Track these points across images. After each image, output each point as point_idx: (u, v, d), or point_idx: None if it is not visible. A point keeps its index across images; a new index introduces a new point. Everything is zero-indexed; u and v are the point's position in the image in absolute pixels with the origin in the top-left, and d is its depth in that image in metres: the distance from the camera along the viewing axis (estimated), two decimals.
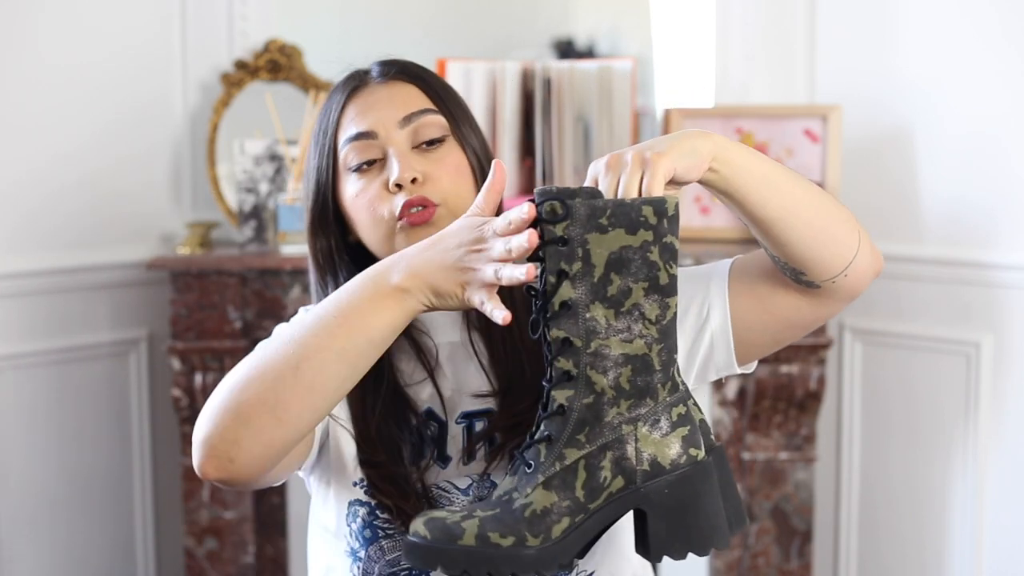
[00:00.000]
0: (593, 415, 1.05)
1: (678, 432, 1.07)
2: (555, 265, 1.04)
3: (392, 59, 1.39)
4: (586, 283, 1.05)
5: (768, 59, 2.60)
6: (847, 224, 1.21)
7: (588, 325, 1.05)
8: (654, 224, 1.05)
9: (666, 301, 1.06)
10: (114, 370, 2.57)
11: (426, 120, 1.33)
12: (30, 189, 2.45)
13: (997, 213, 2.37)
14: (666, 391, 1.07)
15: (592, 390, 1.05)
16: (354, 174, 1.33)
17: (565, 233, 1.04)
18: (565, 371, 1.05)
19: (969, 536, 2.43)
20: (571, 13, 3.44)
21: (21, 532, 2.46)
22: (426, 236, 1.25)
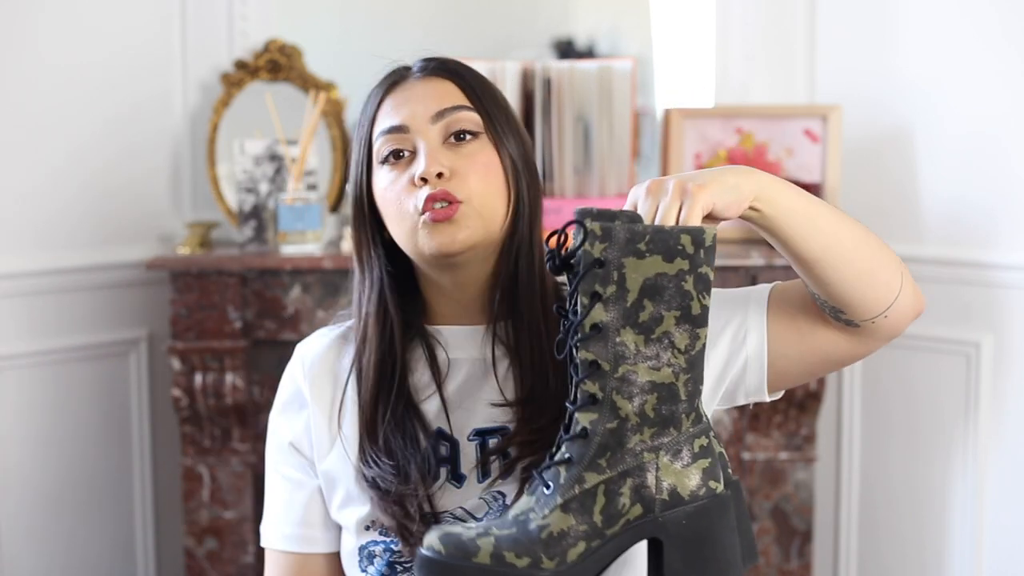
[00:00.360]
0: (616, 440, 1.04)
1: (699, 463, 1.06)
2: (590, 286, 1.04)
3: (433, 55, 1.38)
4: (619, 307, 1.04)
5: (768, 59, 2.60)
6: (890, 266, 1.21)
7: (617, 349, 1.04)
8: (691, 253, 1.05)
9: (696, 331, 1.06)
10: (114, 370, 2.57)
11: (459, 116, 1.31)
12: (30, 189, 2.45)
13: (997, 213, 2.37)
14: (690, 421, 1.06)
15: (616, 415, 1.04)
16: (385, 167, 1.32)
17: (602, 255, 1.03)
18: (591, 394, 1.05)
19: (969, 536, 2.43)
20: (571, 13, 3.44)
21: (21, 532, 2.46)
22: (449, 234, 1.26)
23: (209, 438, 2.35)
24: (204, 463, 2.36)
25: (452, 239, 1.27)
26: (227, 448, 2.35)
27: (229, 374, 2.30)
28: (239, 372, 2.30)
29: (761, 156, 2.43)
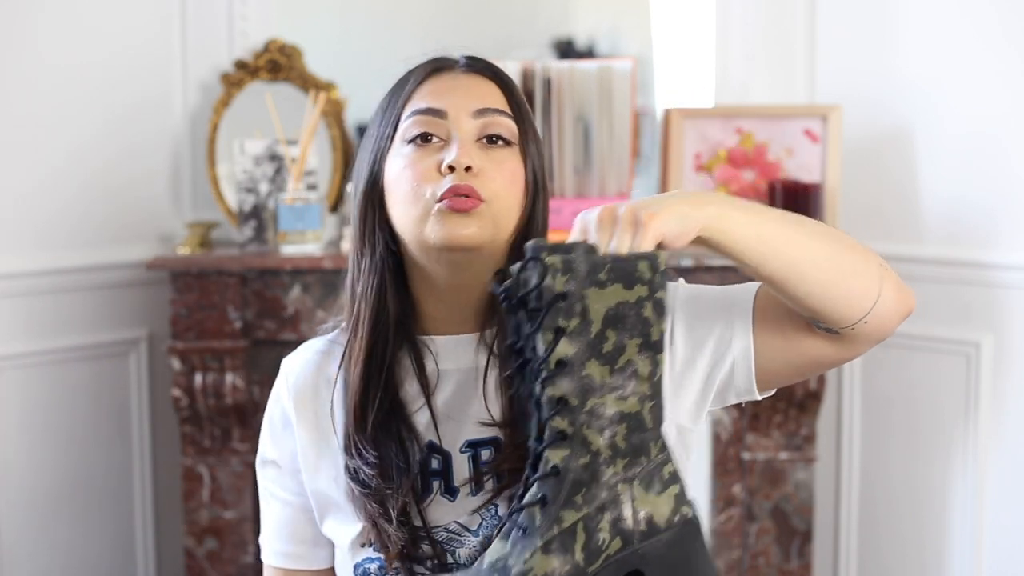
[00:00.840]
0: (589, 475, 1.02)
1: (671, 490, 1.06)
2: (553, 322, 1.02)
3: (479, 57, 1.36)
4: (583, 339, 1.02)
5: (768, 59, 2.60)
6: (865, 274, 1.18)
7: (584, 383, 1.02)
8: (649, 279, 1.03)
9: (656, 357, 1.05)
10: (114, 370, 2.57)
11: (499, 120, 1.29)
12: (30, 189, 2.45)
13: (997, 213, 2.37)
14: (657, 448, 1.05)
15: (588, 450, 1.02)
16: (409, 146, 1.28)
17: (565, 288, 1.01)
18: (560, 431, 1.02)
19: (969, 536, 2.43)
20: (571, 13, 3.44)
21: (21, 532, 2.46)
22: (462, 226, 1.24)
23: (209, 438, 2.35)
24: (204, 463, 2.36)
25: (462, 232, 1.24)
26: (227, 448, 2.35)
27: (229, 374, 2.30)
28: (239, 372, 2.30)
29: (761, 156, 2.43)
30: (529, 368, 1.04)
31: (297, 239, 2.33)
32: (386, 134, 1.31)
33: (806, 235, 1.16)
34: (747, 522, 2.39)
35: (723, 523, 2.40)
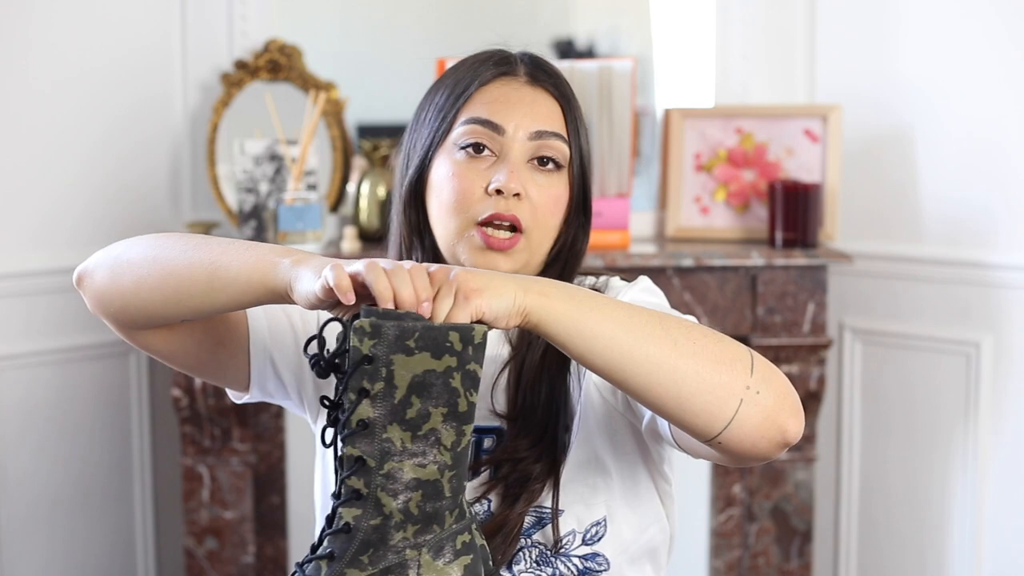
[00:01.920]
0: (379, 537, 1.03)
1: (461, 560, 1.06)
2: (358, 383, 1.02)
3: (544, 65, 1.33)
4: (386, 404, 1.03)
5: (768, 59, 2.60)
6: (717, 392, 1.09)
7: (384, 446, 1.03)
8: (459, 351, 1.03)
9: (462, 428, 1.05)
10: (114, 370, 2.57)
11: (554, 144, 1.28)
12: (30, 189, 2.45)
13: (997, 213, 2.37)
14: (453, 518, 1.06)
15: (380, 512, 1.03)
16: (461, 152, 1.28)
17: (371, 351, 1.02)
18: (355, 489, 1.03)
19: (969, 536, 2.43)
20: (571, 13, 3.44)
21: (21, 532, 2.46)
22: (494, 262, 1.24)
23: (209, 438, 2.35)
24: (204, 463, 2.36)
25: (495, 267, 1.26)
26: (227, 448, 2.35)
27: None
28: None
29: (761, 156, 2.43)
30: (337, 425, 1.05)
31: (297, 239, 2.33)
32: (440, 130, 1.30)
33: (640, 339, 1.08)
34: (747, 522, 2.39)
35: (723, 523, 2.40)
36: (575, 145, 1.30)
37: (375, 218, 2.42)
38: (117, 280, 1.26)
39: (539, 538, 1.26)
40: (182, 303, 1.19)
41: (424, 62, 2.50)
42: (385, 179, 2.43)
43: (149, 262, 1.22)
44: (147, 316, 1.23)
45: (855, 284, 2.55)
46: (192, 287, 1.17)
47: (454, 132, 1.29)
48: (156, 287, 1.20)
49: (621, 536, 1.28)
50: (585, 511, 1.27)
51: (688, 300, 2.29)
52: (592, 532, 1.27)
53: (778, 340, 2.30)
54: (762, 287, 2.30)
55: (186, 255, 1.18)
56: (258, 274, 1.12)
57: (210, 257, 1.16)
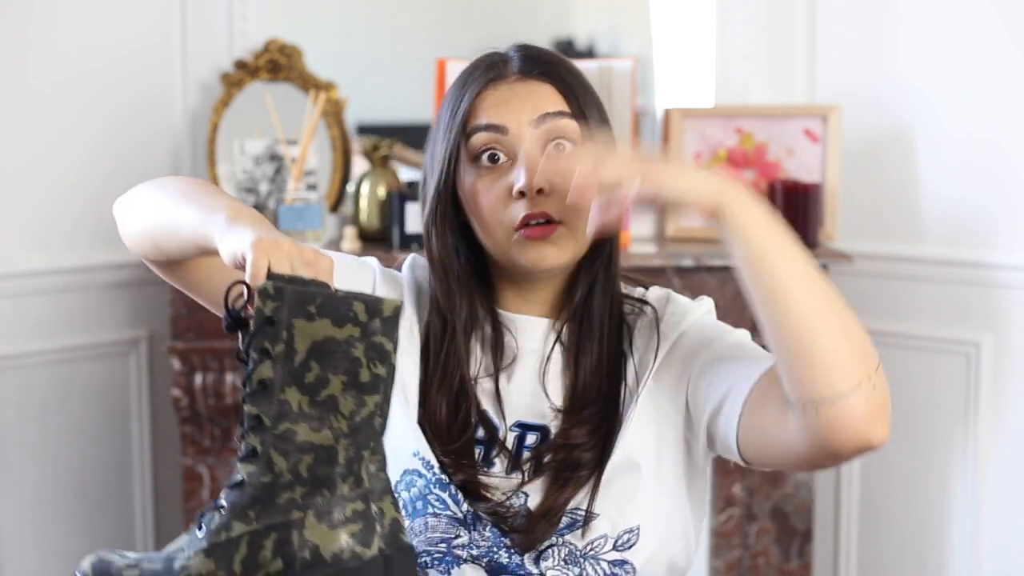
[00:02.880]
0: (267, 494, 1.05)
1: (349, 527, 1.07)
2: (260, 343, 1.05)
3: (534, 55, 1.33)
4: (286, 366, 1.05)
5: (768, 59, 2.60)
6: (850, 360, 1.12)
7: (280, 407, 1.05)
8: (363, 321, 1.05)
9: (363, 398, 1.07)
10: (114, 370, 2.57)
11: (560, 124, 1.28)
12: (30, 189, 2.45)
13: (997, 213, 2.37)
14: (347, 485, 1.07)
15: (271, 470, 1.05)
16: (477, 166, 1.29)
17: (272, 314, 1.04)
18: (252, 447, 1.05)
19: (969, 536, 2.43)
20: (571, 13, 3.44)
21: (21, 532, 2.46)
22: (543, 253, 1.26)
23: (209, 438, 2.35)
24: (204, 463, 2.36)
25: (545, 258, 1.27)
26: (227, 448, 2.35)
27: (229, 374, 2.30)
28: (239, 372, 2.30)
29: (761, 156, 2.43)
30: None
31: (297, 239, 2.32)
32: (453, 146, 1.31)
33: (810, 286, 1.13)
34: (747, 522, 2.39)
35: (723, 523, 2.40)
36: (584, 119, 1.30)
37: (375, 218, 2.42)
38: (125, 226, 1.32)
39: (571, 538, 1.27)
40: (165, 251, 1.26)
41: (424, 62, 2.51)
42: (385, 179, 2.43)
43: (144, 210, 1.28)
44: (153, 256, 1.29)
45: (855, 284, 2.55)
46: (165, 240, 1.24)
47: (464, 149, 1.30)
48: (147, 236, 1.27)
49: (650, 547, 1.29)
50: (620, 517, 1.28)
51: None
52: (624, 539, 1.28)
53: None
54: None
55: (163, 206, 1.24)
56: (201, 231, 1.17)
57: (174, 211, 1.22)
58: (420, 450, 1.31)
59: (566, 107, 1.29)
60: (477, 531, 1.29)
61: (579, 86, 1.33)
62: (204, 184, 1.28)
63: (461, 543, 1.28)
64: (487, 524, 1.28)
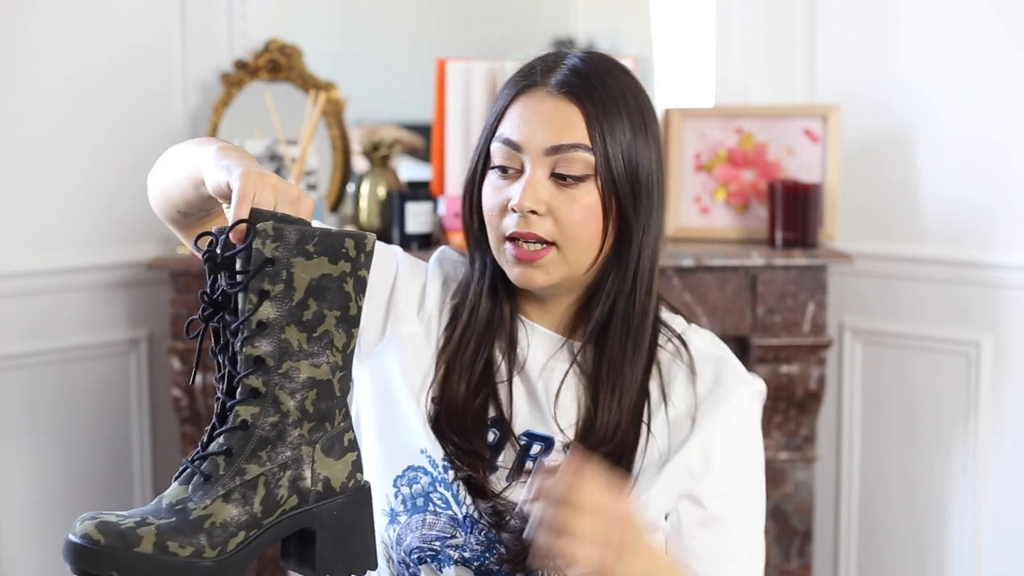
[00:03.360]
0: (276, 434, 1.07)
1: (348, 457, 1.11)
2: (259, 284, 1.06)
3: (577, 71, 1.30)
4: (285, 305, 1.06)
5: (768, 59, 2.60)
6: None
7: (282, 346, 1.07)
8: (353, 257, 1.08)
9: (351, 331, 1.10)
10: (114, 370, 2.57)
11: (572, 156, 1.26)
12: (31, 190, 2.45)
13: (997, 213, 2.37)
14: (341, 416, 1.10)
15: (278, 410, 1.07)
16: (495, 172, 1.31)
17: (273, 254, 1.05)
18: (254, 388, 1.06)
19: (969, 536, 2.43)
20: (571, 13, 3.44)
21: (21, 532, 2.46)
22: (529, 274, 1.27)
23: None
24: None
25: (531, 280, 1.28)
26: None
27: None
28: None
29: (761, 156, 2.43)
30: (225, 325, 1.08)
31: None
32: (482, 149, 1.33)
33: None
34: None
35: None
36: (602, 151, 1.27)
37: (375, 218, 2.42)
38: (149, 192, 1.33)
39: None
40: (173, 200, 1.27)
41: (424, 62, 2.51)
42: (385, 179, 2.43)
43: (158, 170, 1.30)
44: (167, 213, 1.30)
45: (855, 284, 2.55)
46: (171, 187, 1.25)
47: (491, 150, 1.32)
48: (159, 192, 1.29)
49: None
50: None
51: (688, 300, 2.29)
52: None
53: (778, 340, 2.30)
54: (762, 287, 2.30)
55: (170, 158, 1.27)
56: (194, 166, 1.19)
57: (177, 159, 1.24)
58: (428, 448, 1.31)
59: (585, 138, 1.27)
60: (473, 535, 1.29)
61: (611, 109, 1.29)
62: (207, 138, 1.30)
63: (456, 544, 1.29)
64: (483, 529, 1.28)
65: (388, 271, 1.37)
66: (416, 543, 1.31)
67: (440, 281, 1.39)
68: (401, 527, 1.32)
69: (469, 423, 1.31)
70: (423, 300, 1.38)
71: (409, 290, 1.37)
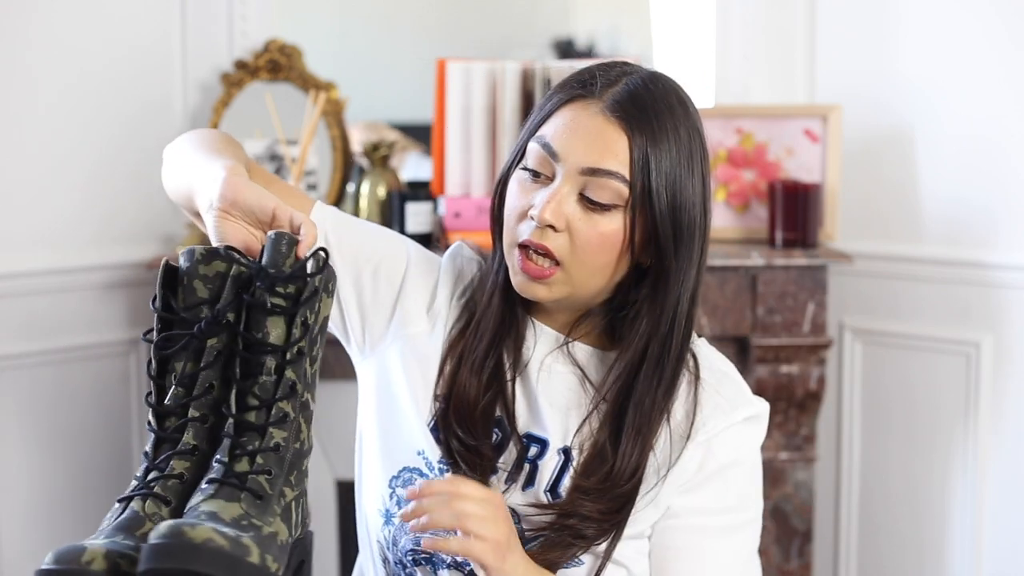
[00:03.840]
0: (298, 460, 1.09)
1: None
2: (303, 313, 1.08)
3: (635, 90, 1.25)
4: (310, 335, 1.10)
5: (768, 59, 2.60)
6: None
7: (305, 375, 1.10)
8: (332, 291, 1.13)
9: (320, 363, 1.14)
10: (114, 370, 2.57)
11: (605, 183, 1.22)
12: (31, 189, 2.45)
13: (997, 213, 2.37)
14: None
15: (298, 437, 1.09)
16: (525, 172, 1.28)
17: (318, 287, 1.09)
18: (285, 413, 1.07)
19: (969, 536, 2.43)
20: (571, 13, 3.44)
21: (21, 532, 2.46)
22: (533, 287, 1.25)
23: None
24: None
25: (532, 293, 1.26)
26: None
27: None
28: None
29: (761, 156, 2.43)
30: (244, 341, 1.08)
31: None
32: (521, 145, 1.30)
33: None
34: None
35: None
36: (641, 183, 1.23)
37: (375, 218, 2.42)
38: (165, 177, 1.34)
39: None
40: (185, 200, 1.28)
41: (424, 62, 2.50)
42: (385, 179, 2.43)
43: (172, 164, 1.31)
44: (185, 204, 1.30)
45: (855, 284, 2.55)
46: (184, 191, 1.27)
47: (528, 149, 1.28)
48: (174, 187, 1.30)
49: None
50: None
51: None
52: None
53: (778, 340, 2.30)
54: (762, 287, 2.30)
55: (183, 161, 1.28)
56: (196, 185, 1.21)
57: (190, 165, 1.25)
58: (425, 449, 1.31)
59: (625, 168, 1.23)
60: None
61: (663, 149, 1.24)
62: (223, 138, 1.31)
63: None
64: None
65: (397, 270, 1.36)
66: (411, 545, 1.30)
67: (453, 278, 1.38)
68: (396, 528, 1.32)
69: (478, 419, 1.30)
70: (433, 298, 1.37)
71: (419, 289, 1.36)
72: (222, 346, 1.08)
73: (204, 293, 1.09)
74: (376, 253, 1.36)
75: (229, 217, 1.14)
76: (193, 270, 1.09)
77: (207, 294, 1.08)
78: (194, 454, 1.07)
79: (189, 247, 1.10)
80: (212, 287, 1.08)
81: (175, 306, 1.09)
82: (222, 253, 1.09)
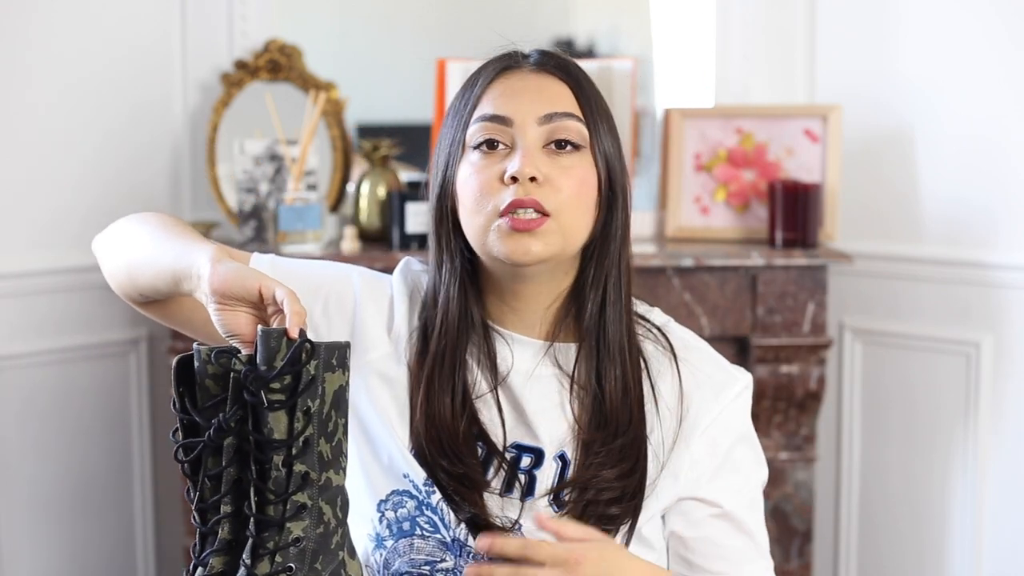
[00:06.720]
0: (323, 543, 1.10)
1: (358, 554, 1.16)
2: (304, 403, 1.08)
3: (551, 51, 1.31)
4: (319, 420, 1.09)
5: (768, 59, 2.60)
6: None
7: (319, 460, 1.10)
8: (348, 365, 1.12)
9: (347, 434, 1.14)
10: (114, 370, 2.57)
11: (567, 124, 1.25)
12: (31, 189, 2.45)
13: (997, 213, 2.37)
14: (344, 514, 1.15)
15: (322, 520, 1.10)
16: (475, 152, 1.26)
17: (315, 371, 1.08)
18: (301, 504, 1.09)
19: (969, 536, 2.43)
20: (571, 13, 3.44)
21: (21, 532, 2.46)
22: (525, 244, 1.22)
23: None
24: None
25: (527, 250, 1.23)
26: None
27: None
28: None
29: (761, 156, 2.43)
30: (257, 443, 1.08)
31: (297, 239, 2.33)
32: (456, 139, 1.28)
33: None
34: None
35: None
36: (593, 124, 1.27)
37: (375, 218, 2.42)
38: (104, 263, 1.37)
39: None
40: (139, 286, 1.28)
41: (424, 62, 2.50)
42: (385, 179, 2.43)
43: (118, 249, 1.34)
44: (128, 291, 1.32)
45: (855, 284, 2.55)
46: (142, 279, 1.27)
47: (468, 134, 1.27)
48: (122, 274, 1.32)
49: None
50: None
51: (688, 300, 2.29)
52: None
53: (778, 340, 2.30)
54: (762, 287, 2.30)
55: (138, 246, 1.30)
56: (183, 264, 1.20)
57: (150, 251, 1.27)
58: (410, 472, 1.28)
59: (576, 108, 1.27)
60: (463, 557, 1.27)
61: (593, 94, 1.29)
62: (177, 221, 1.32)
63: (446, 567, 1.27)
64: (472, 552, 1.26)
65: (347, 300, 1.33)
66: (405, 568, 1.28)
67: (407, 294, 1.34)
68: (388, 552, 1.30)
69: (460, 443, 1.27)
70: (391, 318, 1.33)
71: (373, 314, 1.33)
72: (238, 442, 1.10)
73: (217, 391, 1.11)
74: (321, 289, 1.33)
75: (227, 308, 1.14)
76: (203, 370, 1.12)
77: (219, 391, 1.11)
78: (230, 549, 1.10)
79: (196, 347, 1.11)
80: (223, 384, 1.11)
81: (190, 407, 1.13)
82: (225, 351, 1.10)
